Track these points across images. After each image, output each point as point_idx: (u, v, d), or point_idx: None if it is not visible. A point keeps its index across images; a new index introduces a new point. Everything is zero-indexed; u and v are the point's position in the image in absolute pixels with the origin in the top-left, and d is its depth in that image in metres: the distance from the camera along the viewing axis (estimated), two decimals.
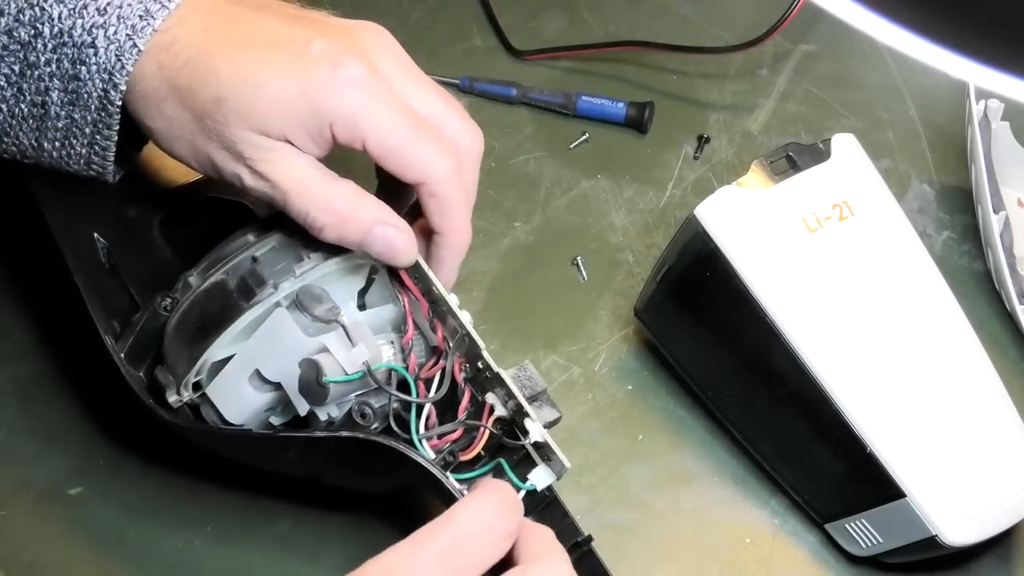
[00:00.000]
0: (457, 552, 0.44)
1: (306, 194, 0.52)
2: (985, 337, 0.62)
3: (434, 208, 0.54)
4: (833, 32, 0.86)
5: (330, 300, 0.53)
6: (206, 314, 0.55)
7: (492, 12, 0.85)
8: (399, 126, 0.52)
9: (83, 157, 0.54)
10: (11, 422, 0.63)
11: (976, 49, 0.38)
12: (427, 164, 0.53)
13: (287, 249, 0.54)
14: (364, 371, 0.52)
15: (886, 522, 0.58)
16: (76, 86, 0.52)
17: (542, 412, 0.52)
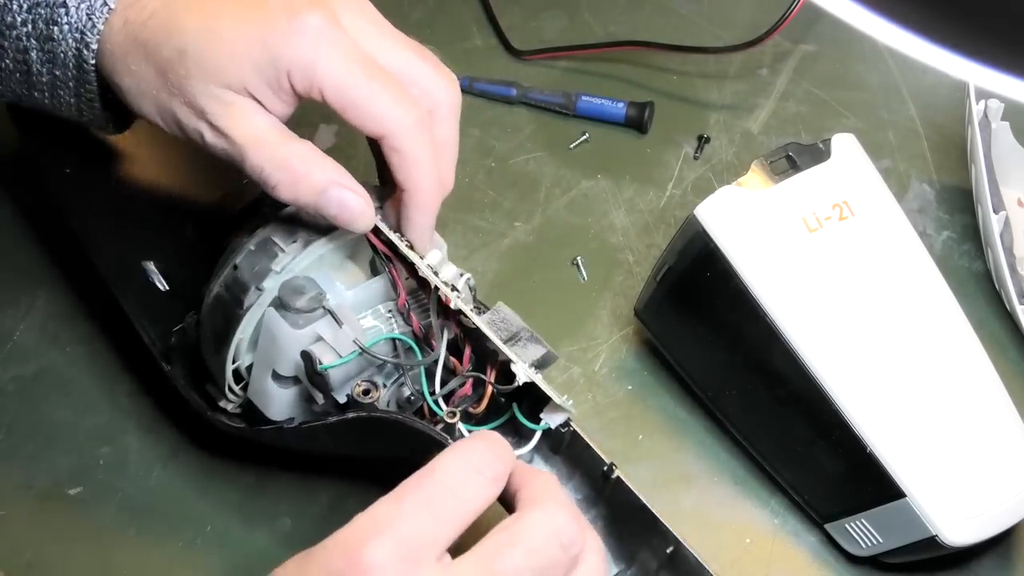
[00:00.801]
0: (443, 498, 0.43)
1: (262, 150, 0.51)
2: (985, 337, 0.62)
3: (396, 163, 0.53)
4: (833, 32, 0.86)
5: (314, 287, 0.53)
6: (215, 327, 0.56)
7: (492, 12, 0.85)
8: (356, 75, 0.51)
9: (73, 107, 0.55)
10: (11, 422, 0.63)
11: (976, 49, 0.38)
12: (387, 116, 0.51)
13: (264, 247, 0.55)
14: (357, 351, 0.52)
15: (886, 522, 0.58)
16: (51, 46, 0.53)
17: (526, 351, 0.52)
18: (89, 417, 0.64)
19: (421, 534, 0.42)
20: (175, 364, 0.59)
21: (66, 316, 0.67)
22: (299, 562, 0.42)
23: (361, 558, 0.40)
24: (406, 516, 0.42)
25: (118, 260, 0.60)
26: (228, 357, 0.55)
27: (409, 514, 0.42)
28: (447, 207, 0.57)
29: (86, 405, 0.64)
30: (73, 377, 0.65)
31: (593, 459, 0.54)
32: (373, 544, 0.41)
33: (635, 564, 0.54)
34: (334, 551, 0.41)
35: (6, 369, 0.65)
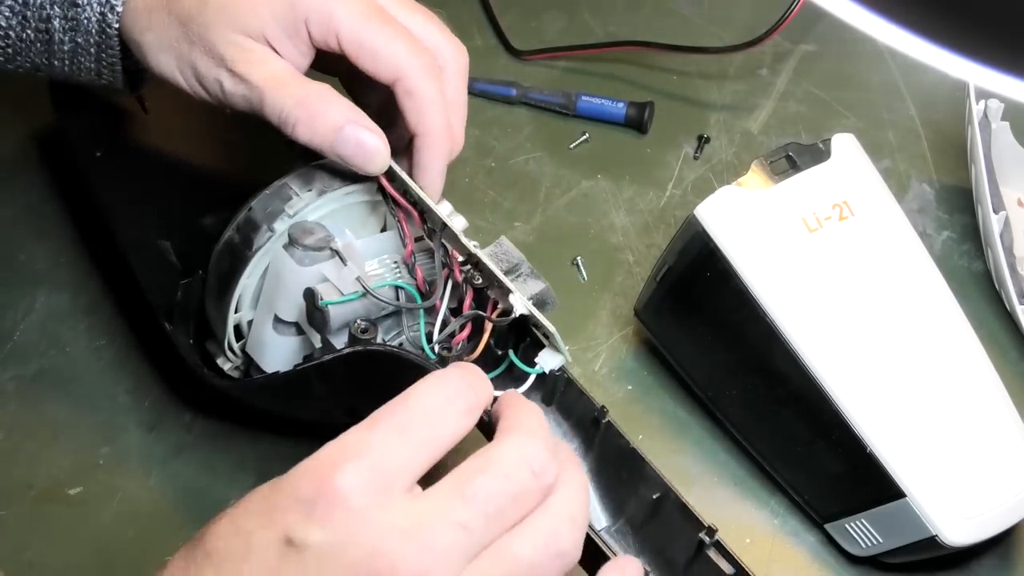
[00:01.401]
0: (417, 426, 0.41)
1: (281, 90, 0.52)
2: (985, 337, 0.62)
3: (410, 107, 0.54)
4: (833, 32, 0.86)
5: (323, 231, 0.54)
6: (222, 271, 0.56)
7: (492, 12, 0.85)
8: (372, 20, 0.53)
9: (92, 71, 0.57)
10: (11, 422, 0.63)
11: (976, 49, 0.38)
12: (400, 59, 0.53)
13: (279, 191, 0.55)
14: (361, 291, 0.52)
15: (886, 522, 0.58)
16: (75, 12, 0.54)
17: (525, 285, 0.53)
18: (89, 417, 0.64)
19: (393, 461, 0.40)
20: (177, 324, 0.59)
21: (66, 316, 0.67)
22: (266, 491, 0.41)
23: (331, 484, 0.39)
24: (378, 443, 0.40)
25: (137, 238, 0.61)
26: (231, 303, 0.55)
27: (381, 441, 0.40)
28: None
29: (86, 405, 0.64)
30: (73, 377, 0.65)
31: (585, 407, 0.55)
32: (343, 469, 0.39)
33: (623, 516, 0.54)
34: (302, 478, 0.39)
35: (6, 369, 0.65)
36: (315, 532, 0.38)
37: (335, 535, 0.38)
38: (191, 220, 0.63)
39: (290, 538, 0.39)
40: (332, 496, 0.39)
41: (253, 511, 0.40)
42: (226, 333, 0.57)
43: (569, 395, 0.55)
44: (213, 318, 0.58)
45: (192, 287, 0.60)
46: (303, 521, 0.39)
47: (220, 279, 0.56)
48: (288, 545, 0.39)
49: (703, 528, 0.51)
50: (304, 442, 0.61)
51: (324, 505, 0.39)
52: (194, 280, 0.60)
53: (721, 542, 0.51)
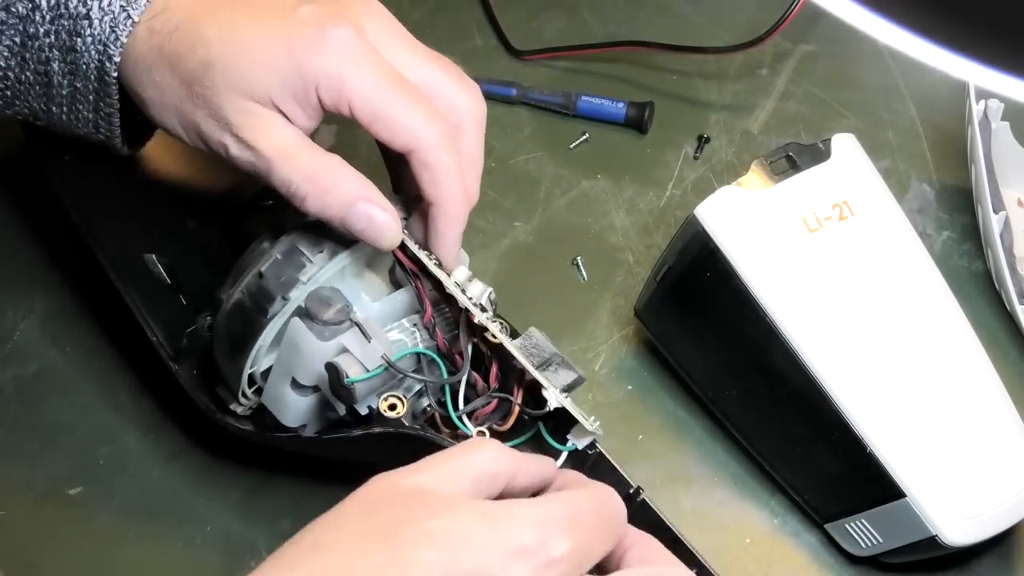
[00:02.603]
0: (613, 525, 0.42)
1: (290, 162, 0.51)
2: (985, 337, 0.62)
3: (426, 178, 0.52)
4: (833, 32, 0.86)
5: (341, 299, 0.53)
6: (234, 333, 0.55)
7: (492, 12, 0.85)
8: (385, 89, 0.51)
9: (90, 121, 0.55)
10: (11, 422, 0.63)
11: (976, 49, 0.38)
12: (416, 130, 0.51)
13: (291, 257, 0.54)
14: (384, 365, 0.52)
15: (886, 522, 0.58)
16: (74, 57, 0.53)
17: (558, 376, 0.52)
18: (89, 417, 0.64)
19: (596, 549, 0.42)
20: (183, 364, 0.58)
21: (66, 316, 0.67)
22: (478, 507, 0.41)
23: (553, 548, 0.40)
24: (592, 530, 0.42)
25: (120, 253, 0.60)
26: (246, 363, 0.55)
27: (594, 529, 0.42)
28: None
29: (86, 405, 0.64)
30: (73, 377, 0.65)
31: (617, 482, 0.54)
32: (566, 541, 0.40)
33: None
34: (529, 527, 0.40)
35: (6, 369, 0.65)
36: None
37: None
38: (173, 227, 0.62)
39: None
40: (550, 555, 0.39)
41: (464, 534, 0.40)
42: (240, 385, 0.56)
43: (601, 469, 0.54)
44: (224, 368, 0.57)
45: (198, 331, 0.58)
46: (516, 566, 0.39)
47: (232, 338, 0.55)
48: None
49: None
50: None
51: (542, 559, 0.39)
52: (199, 325, 0.58)
53: None
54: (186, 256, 0.61)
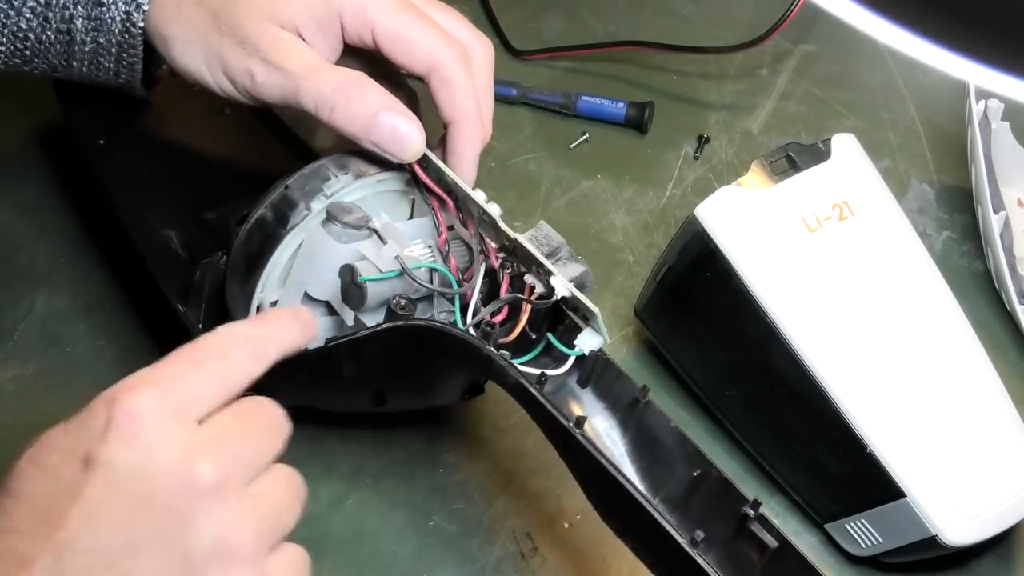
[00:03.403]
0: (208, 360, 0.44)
1: (318, 75, 0.53)
2: (985, 337, 0.62)
3: (445, 96, 0.55)
4: (833, 32, 0.86)
5: (360, 210, 0.54)
6: (251, 250, 0.56)
7: (492, 12, 0.85)
8: (406, 13, 0.54)
9: (111, 70, 0.57)
10: (11, 422, 0.63)
11: (976, 49, 0.38)
12: (435, 49, 0.54)
13: (316, 172, 0.55)
14: (400, 268, 0.52)
15: (886, 522, 0.58)
16: (99, 12, 0.55)
17: (566, 269, 0.53)
18: None
19: (185, 389, 0.42)
20: (192, 306, 0.59)
21: (66, 316, 0.67)
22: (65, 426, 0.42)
23: (126, 406, 0.41)
24: (171, 372, 0.43)
25: (141, 224, 0.61)
26: (259, 283, 0.55)
27: (174, 370, 0.43)
28: None
29: (86, 405, 0.64)
30: (73, 377, 0.65)
31: (623, 387, 0.55)
32: (138, 393, 0.41)
33: (660, 494, 0.54)
34: (98, 404, 0.42)
35: (6, 369, 0.65)
36: (115, 450, 0.40)
37: (134, 453, 0.40)
38: (193, 213, 0.63)
39: (90, 459, 0.40)
40: (129, 416, 0.41)
41: (54, 446, 0.42)
42: (250, 312, 0.56)
43: (607, 376, 0.55)
44: (235, 297, 0.57)
45: (209, 268, 0.59)
46: (102, 442, 0.40)
47: (248, 257, 0.56)
48: (88, 465, 0.40)
49: (746, 503, 0.51)
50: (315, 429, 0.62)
51: (122, 425, 0.41)
52: (212, 261, 0.59)
53: (765, 515, 0.51)
54: (203, 243, 0.61)
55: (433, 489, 0.62)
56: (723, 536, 0.52)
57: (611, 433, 0.55)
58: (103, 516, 0.40)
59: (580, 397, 0.55)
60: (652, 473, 0.54)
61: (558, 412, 0.50)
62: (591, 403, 0.56)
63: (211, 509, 0.41)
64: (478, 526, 0.61)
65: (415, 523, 0.61)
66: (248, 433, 0.43)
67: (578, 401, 0.55)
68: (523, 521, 0.61)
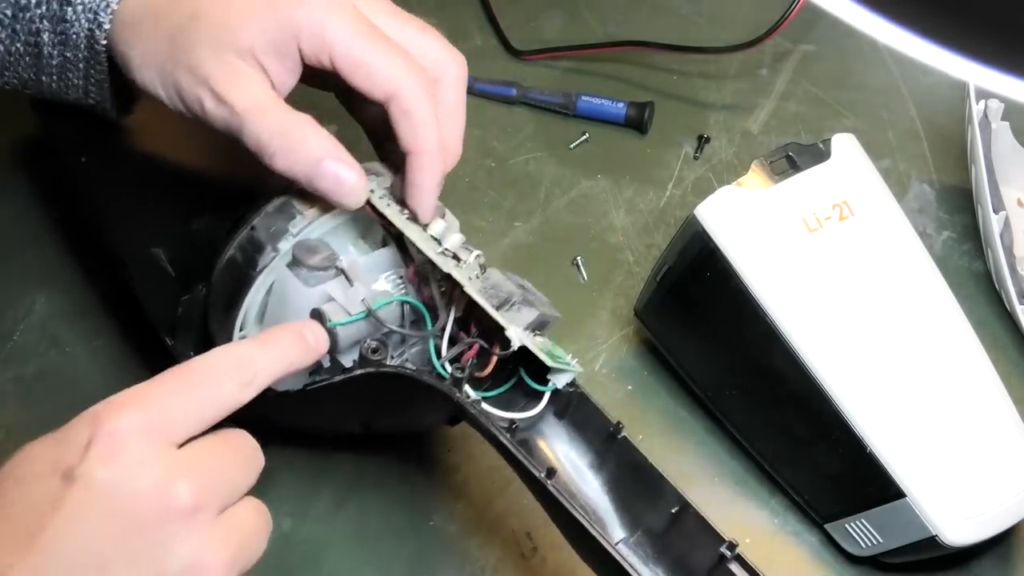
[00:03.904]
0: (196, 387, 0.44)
1: (262, 118, 0.52)
2: (985, 337, 0.62)
3: (404, 126, 0.53)
4: (833, 32, 0.86)
5: (327, 249, 0.53)
6: (226, 291, 0.56)
7: (492, 12, 0.85)
8: (364, 37, 0.52)
9: (80, 88, 0.56)
10: (11, 422, 0.63)
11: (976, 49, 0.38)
12: (395, 77, 0.52)
13: (282, 210, 0.55)
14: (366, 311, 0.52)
15: (886, 522, 0.58)
16: (64, 27, 0.54)
17: (520, 315, 0.52)
18: None
19: (169, 413, 0.43)
20: (179, 338, 0.59)
21: (66, 316, 0.67)
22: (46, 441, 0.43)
23: (109, 425, 0.42)
24: (156, 395, 0.43)
25: (128, 245, 0.61)
26: (236, 322, 0.55)
27: (160, 394, 0.43)
28: (448, 207, 0.57)
29: (86, 405, 0.64)
30: (73, 377, 0.65)
31: (599, 421, 0.55)
32: (121, 413, 0.42)
33: (641, 527, 0.54)
34: (83, 420, 0.42)
35: (6, 369, 0.65)
36: (96, 467, 0.41)
37: (114, 471, 0.41)
38: (180, 225, 0.62)
39: (71, 474, 0.41)
40: (111, 435, 0.41)
41: (36, 459, 0.42)
42: None
43: (583, 409, 0.55)
44: (217, 333, 0.57)
45: (193, 301, 0.59)
46: (82, 458, 0.41)
47: (224, 297, 0.56)
48: (68, 480, 0.41)
49: (723, 542, 0.51)
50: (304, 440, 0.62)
51: (104, 443, 0.41)
52: (195, 294, 0.59)
53: (742, 556, 0.51)
54: (191, 253, 0.61)
55: (433, 489, 0.62)
56: (702, 570, 0.52)
57: (590, 466, 0.55)
58: (80, 531, 0.41)
59: (557, 429, 0.55)
60: (632, 508, 0.54)
61: (530, 462, 0.50)
62: (569, 434, 0.56)
63: (185, 531, 0.42)
64: (478, 526, 0.61)
65: (415, 523, 0.61)
66: (226, 462, 0.44)
67: (552, 436, 0.55)
68: (523, 521, 0.61)
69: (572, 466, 0.55)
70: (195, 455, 0.43)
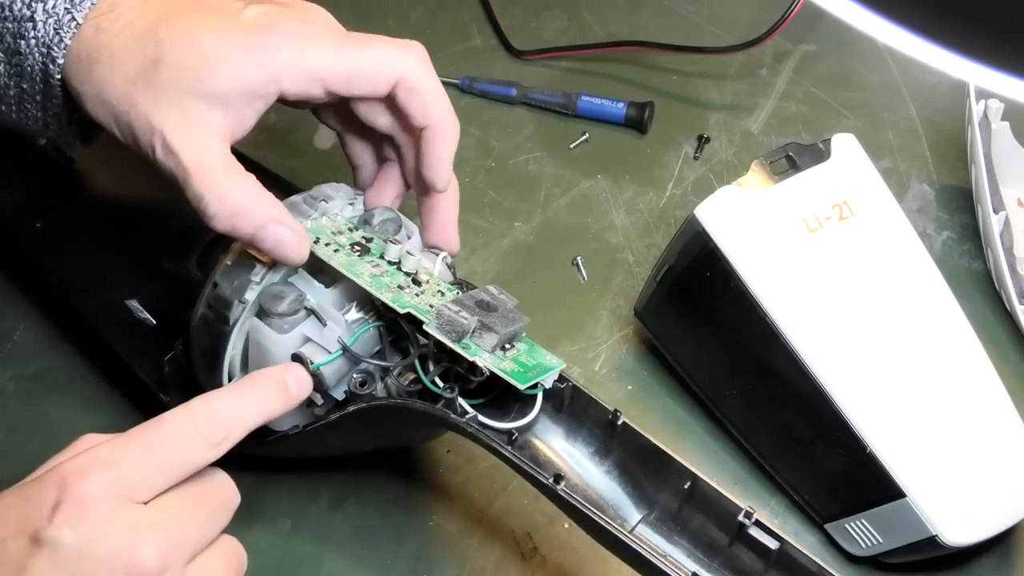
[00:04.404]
0: (164, 449, 0.44)
1: (205, 178, 0.51)
2: (985, 337, 0.62)
3: (415, 103, 0.53)
4: (833, 32, 0.86)
5: (294, 290, 0.53)
6: (204, 348, 0.56)
7: (492, 12, 0.85)
8: (347, 48, 0.52)
9: (39, 120, 0.55)
10: (12, 422, 0.63)
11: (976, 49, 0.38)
12: (393, 61, 0.53)
13: (241, 263, 0.54)
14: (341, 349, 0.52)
15: (886, 522, 0.58)
16: (19, 60, 0.53)
17: (483, 340, 0.52)
18: (89, 417, 0.64)
19: (137, 477, 0.43)
20: (172, 394, 0.59)
21: (66, 316, 0.67)
22: (11, 500, 0.43)
23: (78, 489, 0.42)
24: (126, 458, 0.43)
25: (101, 304, 0.61)
26: (223, 377, 0.55)
27: (129, 457, 0.44)
28: None
29: (86, 405, 0.64)
30: (73, 377, 0.65)
31: (597, 411, 0.55)
32: (91, 477, 0.42)
33: (657, 507, 0.54)
34: (50, 481, 0.42)
35: (6, 369, 0.65)
36: (63, 531, 0.41)
37: (83, 534, 0.41)
38: (150, 269, 0.62)
39: (38, 538, 0.41)
40: (78, 500, 0.42)
41: (3, 519, 0.42)
42: None
43: (578, 401, 0.55)
44: (206, 385, 0.57)
45: (176, 359, 0.59)
46: (49, 522, 0.41)
47: (205, 355, 0.56)
48: (35, 544, 0.41)
49: (740, 511, 0.52)
50: None
51: (71, 507, 0.42)
52: (176, 352, 0.59)
53: (761, 521, 0.52)
54: (168, 295, 0.61)
55: (433, 489, 0.62)
56: (723, 541, 0.53)
57: (595, 455, 0.55)
58: None
59: (557, 424, 0.55)
60: (644, 490, 0.54)
61: (536, 471, 0.50)
62: (569, 427, 0.55)
63: None
64: (478, 526, 0.61)
65: (415, 523, 0.61)
66: (196, 513, 0.45)
67: (556, 428, 0.55)
68: (523, 521, 0.61)
69: (576, 460, 0.55)
70: (162, 511, 0.44)
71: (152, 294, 0.61)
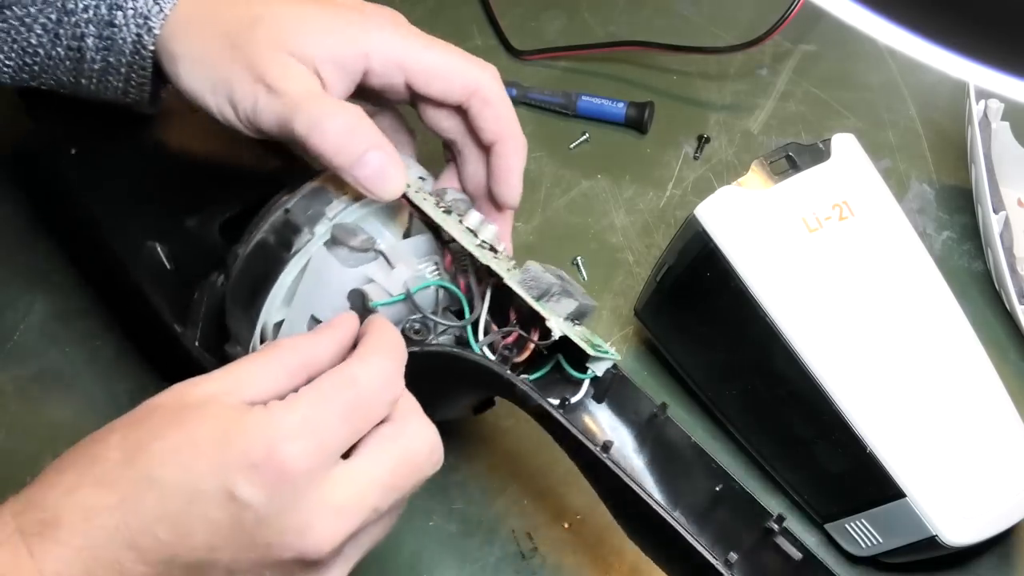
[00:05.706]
0: (361, 413, 0.45)
1: (313, 106, 0.52)
2: (985, 337, 0.62)
3: (490, 115, 0.55)
4: (833, 32, 0.86)
5: (365, 233, 0.54)
6: (255, 274, 0.55)
7: (492, 12, 0.85)
8: (435, 47, 0.55)
9: (119, 89, 0.57)
10: (11, 422, 0.63)
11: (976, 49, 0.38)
12: (472, 73, 0.55)
13: (318, 194, 0.55)
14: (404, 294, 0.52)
15: (886, 522, 0.58)
16: (111, 32, 0.54)
17: (559, 305, 0.53)
18: (89, 417, 0.64)
19: (334, 441, 0.44)
20: (189, 327, 0.59)
21: (66, 316, 0.67)
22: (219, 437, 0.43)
23: (281, 454, 0.42)
24: (326, 425, 0.44)
25: (124, 239, 0.61)
26: (265, 304, 0.55)
27: (329, 423, 0.44)
28: None
29: (86, 405, 0.64)
30: (73, 377, 0.65)
31: (640, 402, 0.55)
32: (295, 444, 0.43)
33: (681, 505, 0.54)
34: (257, 442, 0.43)
35: (6, 369, 0.65)
36: (259, 494, 0.42)
37: (275, 501, 0.42)
38: (174, 222, 0.62)
39: (235, 494, 0.42)
40: (280, 465, 0.42)
41: (204, 453, 0.43)
42: (254, 334, 0.56)
43: (622, 391, 0.55)
44: (238, 319, 0.57)
45: (205, 288, 0.59)
46: (249, 482, 0.42)
47: (253, 281, 0.55)
48: (231, 500, 0.42)
49: (770, 517, 0.53)
50: None
51: (271, 472, 0.42)
52: (209, 281, 0.59)
53: (788, 529, 0.52)
54: (186, 250, 0.61)
55: (433, 489, 0.62)
56: (745, 545, 0.53)
57: (628, 445, 0.55)
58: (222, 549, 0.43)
59: (596, 412, 0.56)
60: (672, 484, 0.55)
61: (585, 437, 0.51)
62: (607, 417, 0.56)
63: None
64: (478, 526, 0.61)
65: (415, 523, 0.61)
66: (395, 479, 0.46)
67: (594, 416, 0.56)
68: (523, 521, 0.61)
69: (619, 443, 0.55)
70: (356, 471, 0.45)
71: (171, 245, 0.62)
